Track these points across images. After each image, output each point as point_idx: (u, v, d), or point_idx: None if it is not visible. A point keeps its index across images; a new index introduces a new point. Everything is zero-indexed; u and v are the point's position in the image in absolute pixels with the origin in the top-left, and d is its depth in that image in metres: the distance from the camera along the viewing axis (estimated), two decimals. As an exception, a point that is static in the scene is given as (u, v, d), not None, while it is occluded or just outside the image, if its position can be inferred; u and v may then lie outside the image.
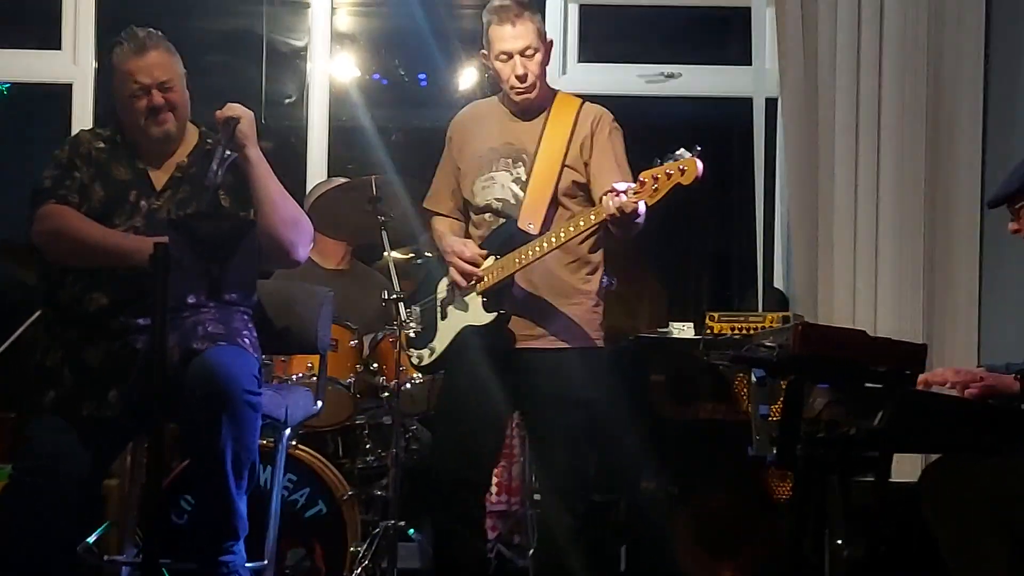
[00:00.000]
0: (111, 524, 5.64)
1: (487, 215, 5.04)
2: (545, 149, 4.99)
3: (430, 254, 6.21)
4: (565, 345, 4.95)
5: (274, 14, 8.27)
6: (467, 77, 8.56)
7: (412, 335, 5.28)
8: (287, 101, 8.49)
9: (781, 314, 5.96)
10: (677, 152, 4.47)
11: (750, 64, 6.91)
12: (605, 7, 7.41)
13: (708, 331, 5.90)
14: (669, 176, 4.45)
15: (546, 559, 5.07)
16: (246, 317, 4.57)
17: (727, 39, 7.73)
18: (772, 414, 4.86)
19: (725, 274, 8.46)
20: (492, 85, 5.21)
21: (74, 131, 5.06)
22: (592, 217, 4.69)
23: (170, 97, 4.52)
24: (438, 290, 5.19)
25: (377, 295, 5.67)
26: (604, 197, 4.62)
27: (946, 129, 6.46)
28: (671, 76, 7.23)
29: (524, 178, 4.98)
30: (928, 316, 6.44)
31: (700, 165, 4.44)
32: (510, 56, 4.95)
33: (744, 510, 5.80)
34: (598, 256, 5.07)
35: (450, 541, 5.07)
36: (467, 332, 5.00)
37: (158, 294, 3.68)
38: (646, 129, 5.26)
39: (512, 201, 4.98)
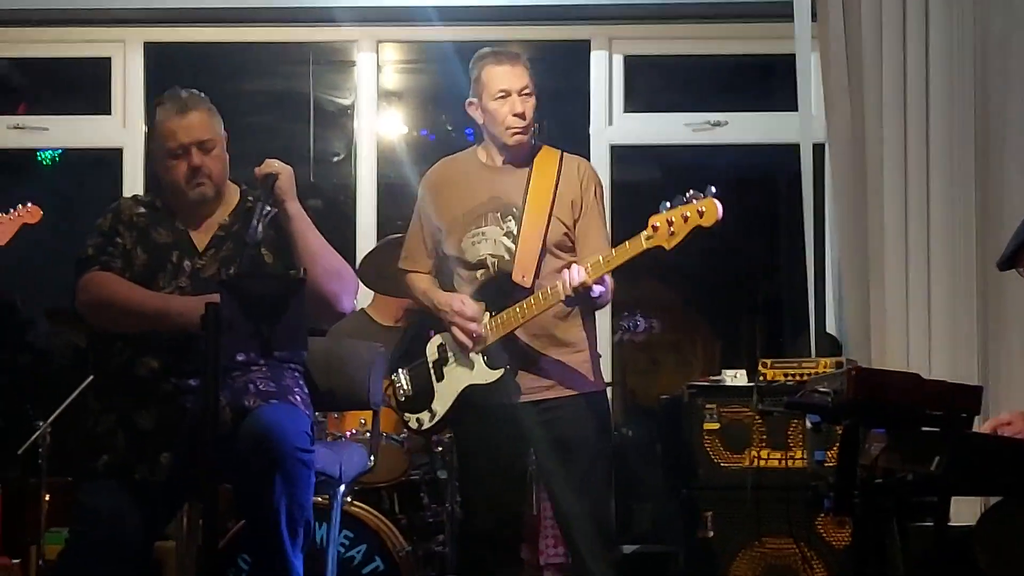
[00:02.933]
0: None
1: (479, 271, 5.00)
2: (532, 201, 4.96)
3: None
4: (569, 393, 4.93)
5: (320, 73, 8.33)
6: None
7: (403, 399, 5.23)
8: (335, 159, 8.53)
9: (834, 359, 5.94)
10: (688, 194, 4.45)
11: (796, 110, 6.90)
12: (650, 57, 7.43)
13: (761, 378, 5.87)
14: (686, 219, 4.44)
15: None
16: (297, 374, 4.57)
17: (773, 86, 7.73)
18: (828, 460, 4.83)
19: (777, 320, 8.42)
20: (540, 136, 5.19)
21: (125, 195, 5.08)
22: (543, 299, 4.74)
23: (209, 158, 4.52)
24: (428, 352, 5.11)
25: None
26: (561, 275, 4.67)
27: (996, 168, 6.41)
28: (718, 124, 7.24)
29: (515, 231, 4.94)
30: (983, 357, 6.38)
31: (719, 206, 4.42)
32: (508, 95, 4.94)
33: (802, 556, 5.77)
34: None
35: None
36: (470, 390, 4.98)
37: (210, 354, 3.69)
38: (693, 178, 5.23)
39: (505, 256, 4.94)
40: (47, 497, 6.13)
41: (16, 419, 7.47)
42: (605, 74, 7.17)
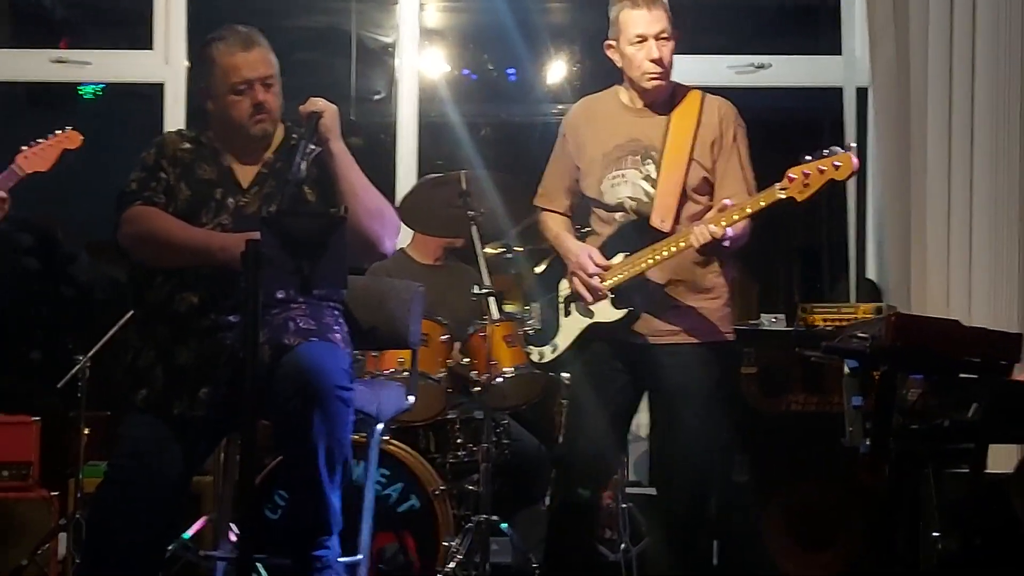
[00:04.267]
0: (207, 520, 5.71)
1: (618, 214, 5.00)
2: (673, 144, 4.93)
3: (519, 248, 6.20)
4: (697, 340, 4.92)
5: (362, 11, 8.31)
6: (556, 71, 8.56)
7: (531, 332, 5.26)
8: (376, 98, 8.52)
9: (874, 305, 5.93)
10: (828, 149, 4.45)
11: (840, 53, 6.86)
12: (694, -1, 7.39)
13: (800, 323, 5.87)
14: (822, 172, 4.43)
15: (650, 552, 5.07)
16: (337, 312, 4.58)
17: (817, 29, 7.69)
18: (865, 405, 4.83)
19: (817, 265, 8.40)
20: (583, 78, 5.15)
21: (166, 130, 5.09)
22: (674, 247, 4.74)
23: (270, 95, 4.53)
24: (560, 287, 5.16)
25: (470, 290, 5.67)
26: (694, 230, 4.64)
27: (1043, 114, 6.37)
28: (761, 67, 7.20)
29: (654, 175, 4.92)
30: (1024, 304, 6.36)
31: (855, 160, 4.41)
32: (645, 39, 4.90)
33: (836, 502, 5.77)
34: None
35: (565, 531, 5.08)
36: (593, 328, 4.99)
37: (250, 291, 3.70)
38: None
39: (644, 199, 4.93)
40: (86, 430, 6.16)
41: (56, 353, 7.52)
42: (649, 15, 7.14)
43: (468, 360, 5.97)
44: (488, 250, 6.09)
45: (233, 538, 4.84)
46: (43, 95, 8.21)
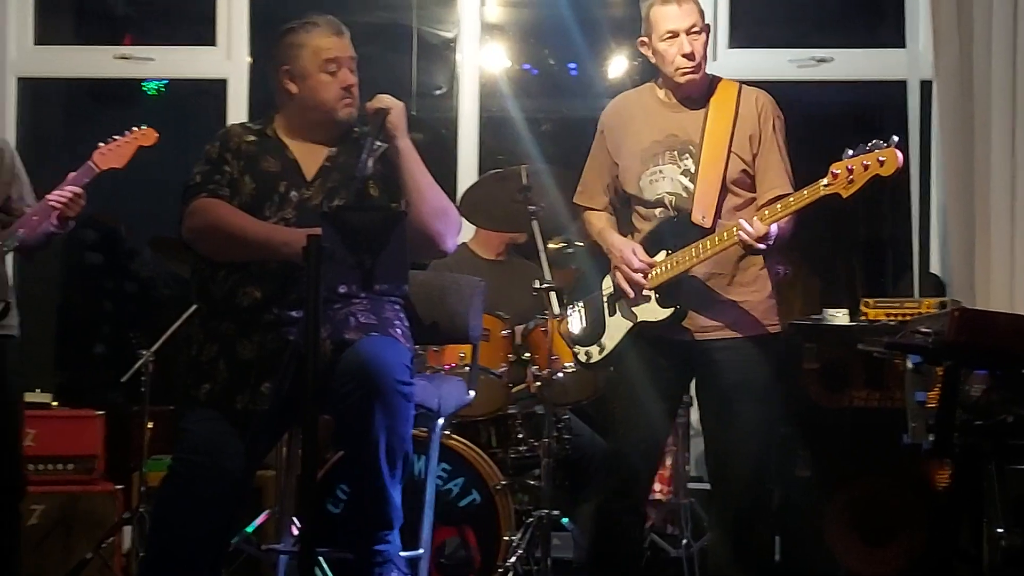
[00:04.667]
0: (269, 514, 5.74)
1: (657, 210, 4.98)
2: (710, 138, 4.90)
3: (580, 243, 6.21)
4: (744, 334, 4.90)
5: (424, 5, 8.32)
6: (617, 65, 8.54)
7: (576, 332, 5.25)
8: (437, 92, 8.53)
9: (937, 300, 5.89)
10: (871, 143, 4.40)
11: (904, 46, 6.81)
12: (756, -8, 7.37)
13: (863, 317, 5.84)
14: (866, 167, 4.38)
15: (711, 547, 5.06)
16: (398, 307, 4.59)
17: (880, 21, 7.63)
18: (928, 401, 4.80)
19: (880, 260, 8.35)
20: (644, 73, 5.15)
21: (227, 125, 5.11)
22: (719, 242, 4.70)
23: (356, 80, 4.57)
24: (604, 286, 5.14)
25: (531, 285, 5.68)
26: (740, 225, 4.61)
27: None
28: (823, 60, 7.15)
29: (692, 170, 4.90)
30: (1090, 300, 6.30)
31: (900, 156, 4.37)
32: (676, 35, 4.87)
33: (899, 498, 5.74)
34: None
35: (612, 529, 5.07)
36: (639, 328, 4.98)
37: (311, 286, 3.72)
38: (798, 115, 5.18)
39: (683, 194, 4.90)
40: (150, 425, 6.21)
41: (120, 347, 7.58)
42: (710, 9, 7.11)
43: (529, 355, 5.98)
44: (550, 245, 6.10)
45: (295, 532, 4.87)
46: (107, 92, 8.27)
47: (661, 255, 4.87)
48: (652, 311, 4.91)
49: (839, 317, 6.00)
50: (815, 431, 5.88)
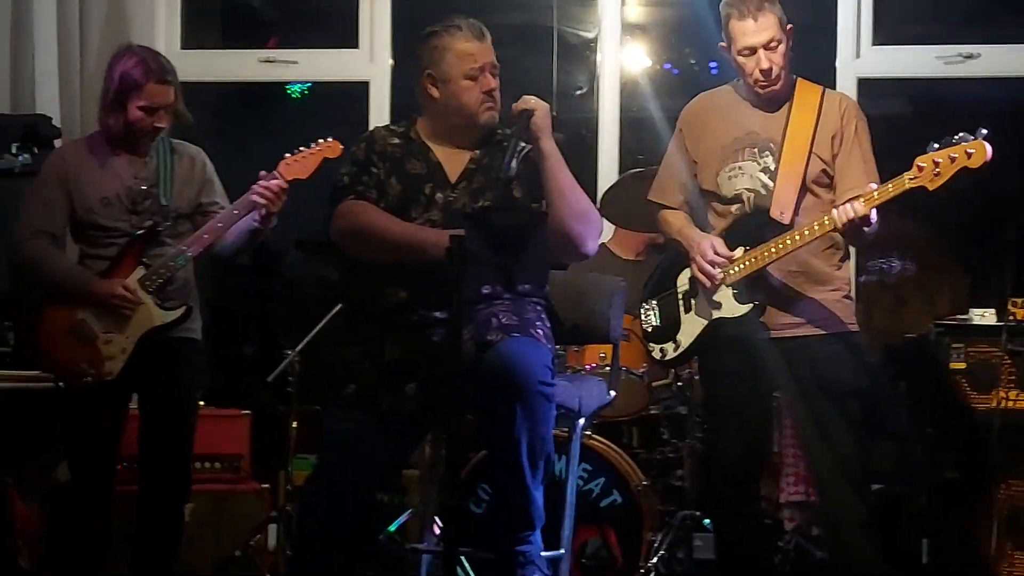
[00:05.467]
0: (412, 513, 5.78)
1: (734, 206, 4.97)
2: (792, 138, 4.90)
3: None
4: (823, 331, 4.87)
5: (564, 6, 8.33)
6: (758, 64, 8.48)
7: (649, 329, 5.24)
8: (578, 93, 8.53)
9: (1088, 299, 5.79)
10: (957, 136, 4.35)
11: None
12: (900, -11, 7.29)
13: (1011, 317, 5.76)
14: (953, 160, 4.34)
15: (836, 550, 5.01)
16: (539, 308, 4.60)
17: (1028, 15, 7.51)
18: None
19: (1029, 259, 8.22)
20: (794, 69, 5.12)
21: (371, 128, 5.15)
22: (816, 228, 4.67)
23: (497, 82, 4.59)
24: (678, 282, 5.13)
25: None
26: (836, 209, 4.59)
27: None
28: (970, 56, 7.05)
29: (772, 167, 4.90)
30: None
31: (989, 148, 4.32)
32: (753, 51, 4.87)
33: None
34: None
35: (731, 535, 5.05)
36: (717, 324, 4.96)
37: (454, 287, 3.74)
38: (945, 112, 5.13)
39: (762, 191, 4.91)
40: (295, 424, 6.28)
41: (266, 347, 7.67)
42: (853, 5, 7.05)
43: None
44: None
45: (437, 532, 4.90)
46: (253, 95, 8.37)
47: (739, 251, 4.86)
48: (730, 307, 4.90)
49: (986, 317, 5.92)
50: (962, 433, 5.80)
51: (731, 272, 4.87)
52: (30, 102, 6.90)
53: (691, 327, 5.05)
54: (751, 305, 4.85)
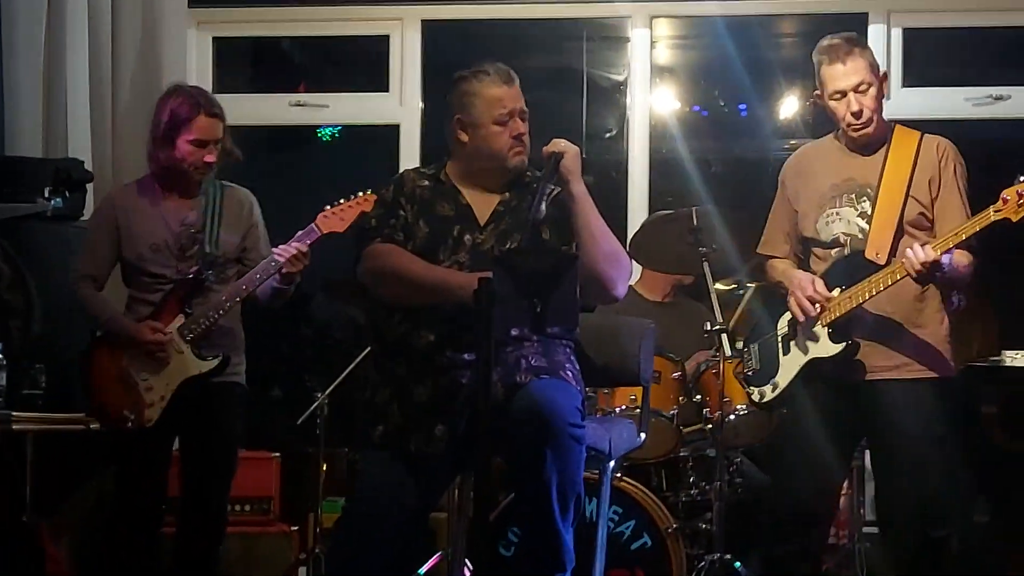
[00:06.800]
0: (441, 555, 5.77)
1: (834, 250, 5.00)
2: (888, 181, 4.92)
3: (751, 284, 6.18)
4: (919, 375, 4.86)
5: (594, 49, 8.36)
6: (788, 107, 8.51)
7: (750, 373, 5.25)
8: (607, 135, 8.56)
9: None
10: None
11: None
12: (929, 30, 7.28)
13: (1044, 360, 5.75)
14: None
15: None
16: (568, 350, 4.59)
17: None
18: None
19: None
20: (817, 118, 5.14)
21: (401, 170, 5.17)
22: (889, 277, 4.70)
23: (527, 127, 4.60)
24: (778, 326, 5.16)
25: (700, 327, 5.67)
26: (906, 253, 4.62)
27: None
28: (999, 98, 7.06)
29: (869, 212, 4.92)
30: None
31: None
32: (844, 94, 4.91)
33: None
34: None
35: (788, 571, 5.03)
36: (813, 364, 4.96)
37: (483, 328, 3.74)
38: (975, 153, 5.12)
39: (859, 235, 4.93)
40: (324, 467, 6.28)
41: (295, 390, 7.69)
42: (883, 47, 7.05)
43: (700, 397, 5.96)
44: (719, 286, 6.08)
45: (468, 574, 4.88)
46: (284, 138, 8.41)
47: (836, 292, 4.86)
48: (824, 347, 4.90)
49: (1018, 359, 5.91)
50: (995, 476, 5.78)
51: (828, 312, 4.88)
52: (63, 146, 6.95)
53: (788, 368, 5.08)
54: (844, 344, 4.86)
